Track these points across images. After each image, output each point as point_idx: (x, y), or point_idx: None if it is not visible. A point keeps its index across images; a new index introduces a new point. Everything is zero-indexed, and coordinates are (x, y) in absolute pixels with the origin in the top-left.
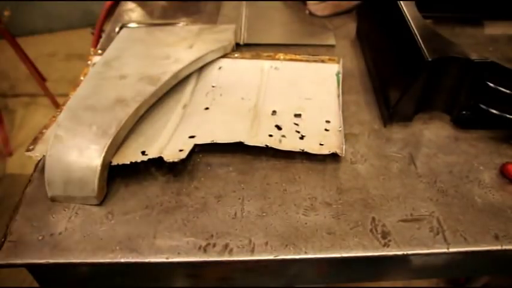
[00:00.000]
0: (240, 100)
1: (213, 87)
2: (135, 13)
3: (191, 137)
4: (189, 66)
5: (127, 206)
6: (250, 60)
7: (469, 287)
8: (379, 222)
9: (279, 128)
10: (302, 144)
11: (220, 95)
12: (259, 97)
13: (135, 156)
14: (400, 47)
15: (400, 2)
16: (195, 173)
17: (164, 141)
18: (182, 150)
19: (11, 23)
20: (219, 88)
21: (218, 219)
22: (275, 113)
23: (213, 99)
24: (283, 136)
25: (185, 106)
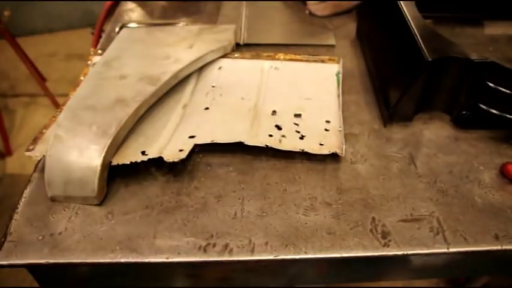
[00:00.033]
0: (240, 100)
1: (213, 87)
2: (135, 13)
3: (191, 137)
4: (189, 66)
5: (127, 206)
6: (250, 60)
7: (469, 287)
8: (379, 222)
9: (279, 128)
10: (302, 144)
11: (220, 95)
12: (259, 97)
13: (135, 156)
14: (400, 47)
15: (400, 2)
16: (195, 173)
17: (164, 141)
18: (182, 150)
19: (11, 23)
20: (219, 88)
21: (218, 219)
22: (275, 113)
23: (213, 99)
24: (283, 136)
25: (185, 106)
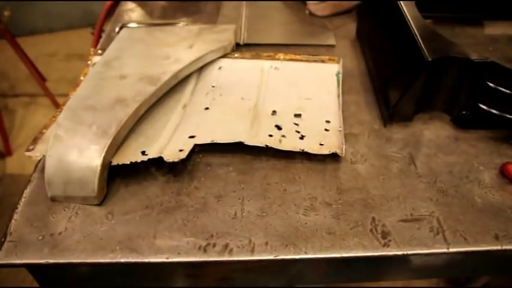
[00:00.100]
0: (240, 100)
1: (213, 87)
2: (135, 13)
3: (191, 137)
4: (189, 66)
5: (127, 206)
6: (250, 60)
7: (469, 287)
8: (379, 222)
9: (279, 128)
10: (302, 144)
11: (220, 95)
12: (259, 97)
13: (135, 156)
14: (400, 47)
15: (400, 2)
16: (195, 173)
17: (164, 141)
18: (182, 150)
19: (11, 23)
20: (219, 88)
21: (218, 219)
22: (275, 113)
23: (213, 99)
24: (283, 136)
25: (185, 106)
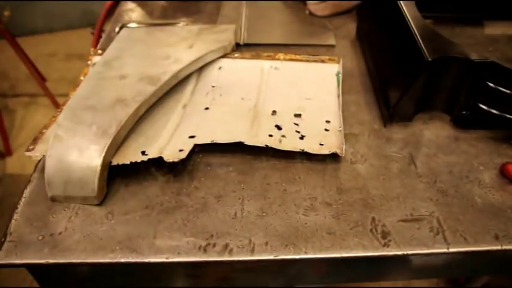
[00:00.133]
0: (240, 100)
1: (213, 87)
2: (135, 13)
3: (191, 137)
4: (189, 66)
5: (127, 206)
6: (250, 60)
7: (469, 287)
8: (379, 222)
9: (279, 128)
10: (302, 144)
11: (220, 95)
12: (259, 97)
13: (135, 156)
14: (400, 47)
15: (400, 2)
16: (195, 173)
17: (164, 141)
18: (182, 150)
19: (11, 23)
20: (219, 88)
21: (218, 219)
22: (275, 113)
23: (213, 99)
24: (283, 136)
25: (185, 106)
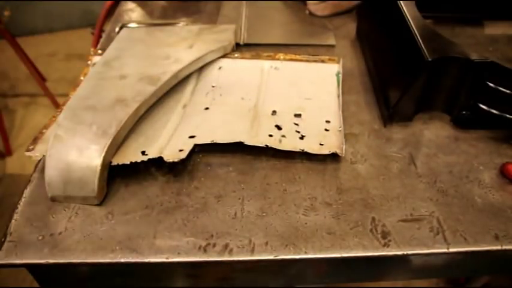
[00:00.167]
0: (240, 100)
1: (213, 87)
2: (135, 13)
3: (191, 137)
4: (189, 66)
5: (127, 206)
6: (250, 60)
7: (469, 287)
8: (379, 222)
9: (279, 128)
10: (302, 144)
11: (220, 95)
12: (259, 97)
13: (135, 156)
14: (400, 47)
15: (400, 2)
16: (195, 173)
17: (164, 141)
18: (182, 150)
19: (11, 23)
20: (219, 88)
21: (218, 219)
22: (275, 113)
23: (213, 99)
24: (283, 136)
25: (185, 106)
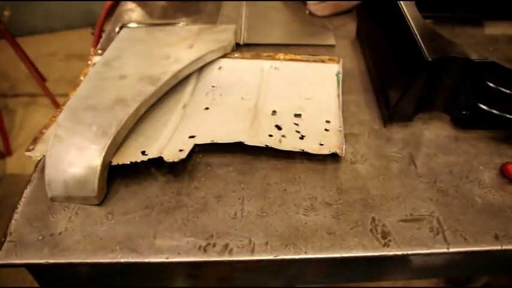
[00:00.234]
0: (240, 100)
1: (213, 87)
2: (135, 13)
3: (191, 137)
4: (189, 66)
5: (127, 206)
6: (250, 60)
7: (469, 287)
8: (379, 222)
9: (279, 128)
10: (302, 144)
11: (220, 95)
12: (259, 97)
13: (135, 156)
14: (400, 47)
15: (400, 2)
16: (195, 173)
17: (164, 141)
18: (182, 150)
19: (11, 23)
20: (219, 88)
21: (218, 219)
22: (275, 113)
23: (213, 99)
24: (283, 136)
25: (185, 106)
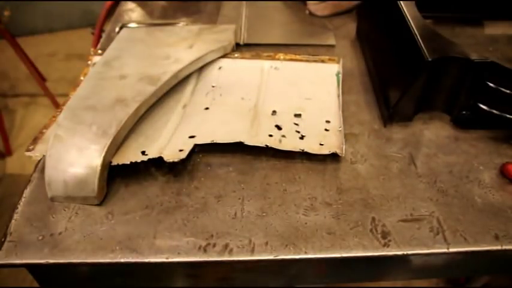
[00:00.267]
0: (240, 100)
1: (213, 87)
2: (135, 13)
3: (191, 137)
4: (189, 66)
5: (127, 206)
6: (250, 60)
7: (469, 287)
8: (379, 222)
9: (279, 128)
10: (302, 144)
11: (220, 95)
12: (259, 97)
13: (135, 156)
14: (400, 47)
15: (400, 2)
16: (195, 173)
17: (164, 141)
18: (182, 150)
19: (11, 23)
20: (219, 88)
21: (218, 219)
22: (275, 113)
23: (213, 99)
24: (283, 136)
25: (185, 106)
